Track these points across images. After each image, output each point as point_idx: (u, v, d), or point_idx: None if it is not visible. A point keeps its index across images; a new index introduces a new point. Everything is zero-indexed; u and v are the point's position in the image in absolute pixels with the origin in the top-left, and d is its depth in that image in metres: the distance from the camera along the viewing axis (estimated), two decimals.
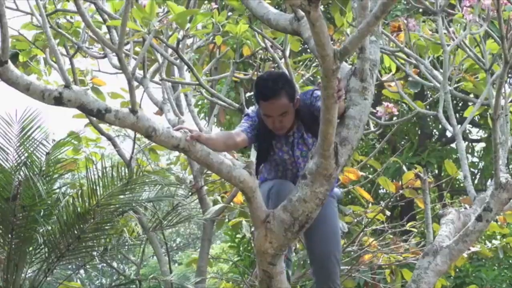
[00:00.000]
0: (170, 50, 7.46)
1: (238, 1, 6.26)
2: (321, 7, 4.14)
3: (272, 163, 5.21)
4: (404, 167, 9.48)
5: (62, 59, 8.11)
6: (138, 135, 8.67)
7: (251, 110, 5.16)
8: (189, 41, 8.00)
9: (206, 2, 9.10)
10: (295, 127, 5.09)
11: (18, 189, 7.08)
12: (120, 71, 5.71)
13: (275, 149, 5.14)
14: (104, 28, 7.82)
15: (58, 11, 7.75)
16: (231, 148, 5.15)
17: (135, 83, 7.39)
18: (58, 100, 4.17)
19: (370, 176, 10.13)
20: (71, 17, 8.28)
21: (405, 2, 11.48)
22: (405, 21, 6.96)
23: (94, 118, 7.54)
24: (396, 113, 7.12)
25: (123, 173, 7.43)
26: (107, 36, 7.88)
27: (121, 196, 7.50)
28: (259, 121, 5.04)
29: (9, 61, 4.04)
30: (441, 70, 6.81)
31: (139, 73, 7.98)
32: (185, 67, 7.92)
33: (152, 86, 8.24)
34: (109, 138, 9.24)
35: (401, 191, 8.56)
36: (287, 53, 7.45)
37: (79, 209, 7.36)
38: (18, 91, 4.16)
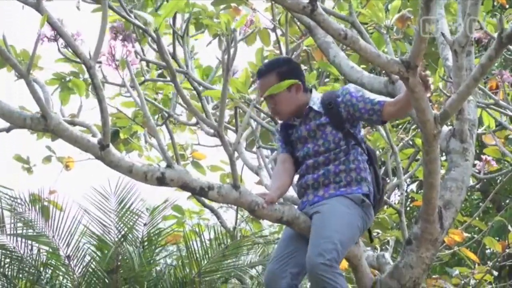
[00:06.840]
0: (262, 115, 7.29)
1: (332, 67, 6.25)
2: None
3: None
4: (509, 226, 9.23)
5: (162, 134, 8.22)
6: None
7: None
8: None
9: None
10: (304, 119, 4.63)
11: (118, 262, 7.18)
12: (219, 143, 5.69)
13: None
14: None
15: (147, 81, 7.36)
16: (293, 176, 4.73)
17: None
18: (161, 181, 4.19)
19: (476, 236, 9.92)
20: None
21: (502, 58, 11.30)
22: (499, 75, 6.79)
23: None
24: (496, 166, 6.99)
25: (225, 242, 7.46)
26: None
27: (224, 262, 7.50)
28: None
29: (111, 145, 4.10)
30: None
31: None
32: None
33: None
34: (212, 210, 9.29)
35: (507, 250, 8.37)
36: None
37: (182, 278, 7.37)
38: (120, 173, 4.20)
